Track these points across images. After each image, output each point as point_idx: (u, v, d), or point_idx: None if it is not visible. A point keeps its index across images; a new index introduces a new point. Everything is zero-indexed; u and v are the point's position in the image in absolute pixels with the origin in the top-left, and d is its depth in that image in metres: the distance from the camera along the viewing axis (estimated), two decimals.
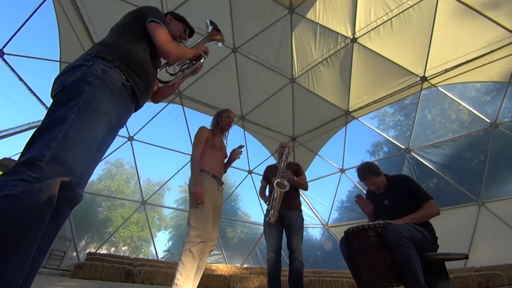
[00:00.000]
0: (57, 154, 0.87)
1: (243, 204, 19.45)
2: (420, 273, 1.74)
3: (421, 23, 5.58)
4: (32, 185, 0.80)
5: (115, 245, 20.61)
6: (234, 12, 6.00)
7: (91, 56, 1.12)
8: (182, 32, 1.63)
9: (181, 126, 21.59)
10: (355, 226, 2.07)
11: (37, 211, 0.81)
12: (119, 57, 1.16)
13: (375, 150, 18.73)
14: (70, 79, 1.03)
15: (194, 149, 2.27)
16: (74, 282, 3.98)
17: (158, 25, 1.29)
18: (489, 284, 4.34)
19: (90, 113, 0.99)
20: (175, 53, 1.32)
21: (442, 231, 2.29)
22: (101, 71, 1.08)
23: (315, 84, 7.53)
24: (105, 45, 1.19)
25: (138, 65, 1.22)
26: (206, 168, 2.23)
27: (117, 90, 1.12)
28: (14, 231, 0.75)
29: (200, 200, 2.02)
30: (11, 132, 5.04)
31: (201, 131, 2.39)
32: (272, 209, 2.64)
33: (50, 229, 0.98)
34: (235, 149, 2.60)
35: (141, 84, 1.24)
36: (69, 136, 0.91)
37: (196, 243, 1.93)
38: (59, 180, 0.87)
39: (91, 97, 1.00)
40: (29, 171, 0.81)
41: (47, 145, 0.87)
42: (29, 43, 14.98)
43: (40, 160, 0.84)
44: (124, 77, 1.15)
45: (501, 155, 6.83)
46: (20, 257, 0.76)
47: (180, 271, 1.86)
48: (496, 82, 5.96)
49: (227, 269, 7.11)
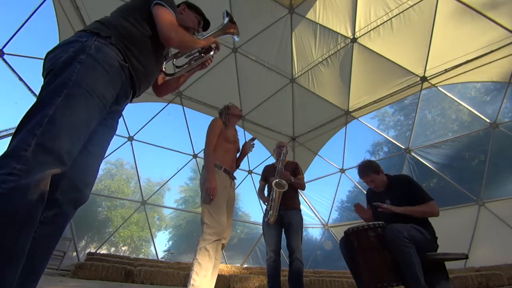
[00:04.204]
0: (43, 142, 0.78)
1: (243, 204, 19.41)
2: (420, 273, 1.74)
3: (421, 23, 5.58)
4: (20, 180, 0.72)
5: (115, 245, 20.60)
6: (234, 12, 5.99)
7: (86, 32, 1.01)
8: (196, 24, 1.51)
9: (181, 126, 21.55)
10: (355, 226, 2.08)
11: (27, 210, 0.74)
12: (116, 35, 1.05)
13: (375, 150, 18.75)
14: (61, 57, 0.93)
15: (208, 143, 2.15)
16: (74, 282, 3.98)
17: (162, 8, 1.18)
18: (489, 284, 4.34)
19: (80, 95, 0.89)
20: (176, 38, 1.17)
21: (442, 231, 2.29)
22: (94, 48, 0.97)
23: (315, 84, 7.53)
24: (102, 22, 1.09)
25: (137, 47, 1.12)
26: (217, 163, 2.13)
27: (113, 70, 1.01)
28: (3, 233, 0.69)
29: (212, 196, 1.93)
30: (11, 132, 5.04)
31: (215, 122, 2.26)
32: (271, 209, 2.64)
33: (53, 231, 0.94)
34: (247, 142, 2.51)
35: (139, 69, 1.13)
36: (56, 121, 0.82)
37: (211, 241, 1.84)
38: (49, 173, 0.79)
39: (82, 77, 0.90)
40: (14, 163, 0.73)
41: (32, 132, 0.78)
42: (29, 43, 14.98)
43: (25, 149, 0.75)
44: (121, 56, 1.04)
45: (501, 155, 6.84)
46: (12, 260, 0.71)
47: (196, 271, 1.75)
48: (496, 82, 5.96)
49: (227, 269, 7.10)
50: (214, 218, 1.92)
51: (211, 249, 1.82)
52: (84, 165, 1.02)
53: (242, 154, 2.47)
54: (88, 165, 1.05)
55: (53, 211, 0.93)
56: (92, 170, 1.08)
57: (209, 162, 2.07)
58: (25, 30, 4.76)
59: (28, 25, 4.76)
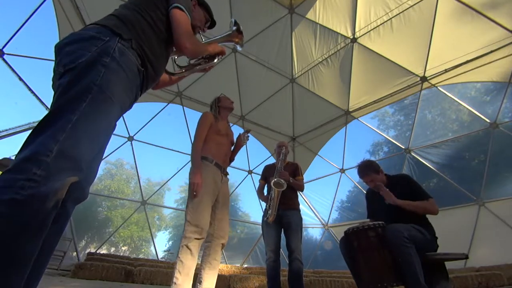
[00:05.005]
0: (65, 148, 0.76)
1: (243, 204, 19.48)
2: (420, 273, 1.74)
3: (421, 23, 5.58)
4: (39, 187, 0.70)
5: (115, 245, 20.62)
6: (234, 11, 6.00)
7: (107, 29, 0.96)
8: (203, 23, 1.48)
9: (181, 126, 21.55)
10: (355, 226, 2.08)
11: (42, 218, 0.72)
12: (136, 38, 1.03)
13: (375, 150, 18.77)
14: (83, 56, 0.88)
15: (196, 136, 2.07)
16: (74, 282, 3.98)
17: (182, 14, 1.15)
18: (489, 284, 4.35)
19: (104, 101, 0.86)
20: (192, 49, 1.17)
21: (442, 231, 2.29)
22: (118, 52, 0.93)
23: (315, 84, 7.53)
24: (121, 19, 1.03)
25: (152, 51, 1.10)
26: (209, 156, 2.05)
27: (132, 75, 1.00)
28: (15, 240, 0.67)
29: (196, 192, 1.86)
30: (11, 132, 5.04)
31: (204, 116, 2.18)
32: (270, 208, 2.64)
33: (55, 230, 0.93)
34: (241, 134, 2.41)
35: (151, 73, 1.12)
36: (79, 127, 0.79)
37: (192, 239, 1.81)
38: (69, 181, 0.77)
39: (106, 82, 0.87)
40: (34, 168, 0.71)
41: (54, 137, 0.75)
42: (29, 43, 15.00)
43: (47, 155, 0.72)
44: (139, 61, 1.03)
45: (501, 155, 6.84)
46: (21, 266, 0.70)
47: (178, 270, 1.75)
48: (496, 82, 5.96)
49: (227, 269, 7.11)
50: (196, 215, 1.87)
51: (193, 247, 1.80)
52: (89, 165, 1.01)
53: (236, 147, 2.39)
54: (92, 165, 1.05)
55: (58, 211, 0.93)
56: (95, 169, 1.08)
57: (195, 156, 1.99)
58: (25, 30, 4.78)
59: (28, 25, 4.78)
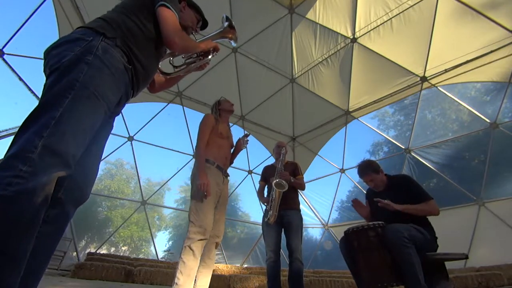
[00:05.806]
0: (50, 144, 0.77)
1: (243, 204, 19.45)
2: (420, 273, 1.74)
3: (421, 23, 5.58)
4: (27, 183, 0.72)
5: (115, 245, 20.61)
6: (234, 11, 6.00)
7: (91, 30, 0.99)
8: (195, 23, 1.49)
9: (181, 126, 21.55)
10: (355, 226, 2.08)
11: (32, 213, 0.74)
12: (121, 36, 1.04)
13: (375, 150, 18.74)
14: (67, 56, 0.91)
15: (199, 138, 2.12)
16: (74, 282, 3.98)
17: (168, 11, 1.16)
18: (489, 284, 4.34)
19: (87, 98, 0.88)
20: (180, 44, 1.19)
21: (442, 231, 2.29)
22: (101, 50, 0.95)
23: (315, 84, 7.53)
24: (107, 20, 1.06)
25: (140, 49, 1.11)
26: (210, 159, 2.10)
27: (118, 72, 1.00)
28: (7, 237, 0.69)
29: (207, 192, 1.89)
30: (11, 132, 5.03)
31: (206, 118, 2.23)
32: (271, 209, 2.64)
33: (54, 232, 0.94)
34: (241, 138, 2.47)
35: (141, 71, 1.13)
36: (63, 123, 0.81)
37: (196, 239, 1.83)
38: (55, 176, 0.79)
39: (89, 79, 0.89)
40: (20, 165, 0.72)
41: (38, 133, 0.77)
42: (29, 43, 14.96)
43: (32, 151, 0.74)
44: (125, 59, 1.04)
45: (501, 155, 6.83)
46: (15, 262, 0.71)
47: (180, 270, 1.77)
48: (496, 82, 5.96)
49: (227, 269, 7.11)
50: (200, 216, 1.89)
51: (195, 248, 1.82)
52: (86, 165, 1.02)
53: (236, 150, 2.44)
54: (90, 164, 1.05)
55: (56, 210, 0.93)
56: (93, 169, 1.09)
57: (200, 158, 2.04)
58: (25, 30, 4.77)
59: (28, 25, 4.78)
